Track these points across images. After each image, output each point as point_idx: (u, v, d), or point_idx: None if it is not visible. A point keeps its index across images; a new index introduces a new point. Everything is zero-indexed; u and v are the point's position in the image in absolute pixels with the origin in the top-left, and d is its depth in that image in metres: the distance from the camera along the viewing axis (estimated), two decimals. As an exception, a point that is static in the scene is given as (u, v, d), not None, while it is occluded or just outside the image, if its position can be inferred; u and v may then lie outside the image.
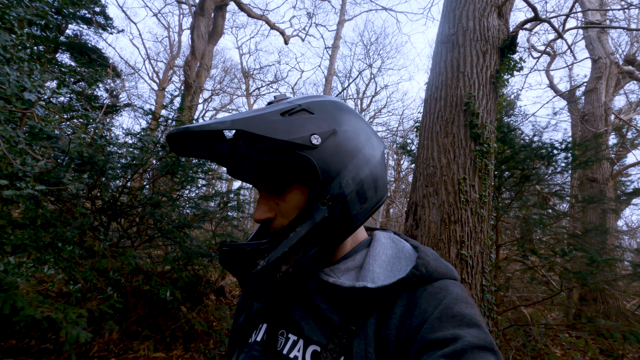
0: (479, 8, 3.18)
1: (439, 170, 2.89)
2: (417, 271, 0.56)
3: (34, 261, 2.31)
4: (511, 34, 3.10)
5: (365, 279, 0.58)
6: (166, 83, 17.63)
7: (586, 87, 8.11)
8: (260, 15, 12.48)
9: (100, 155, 2.91)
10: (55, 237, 2.48)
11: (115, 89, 13.05)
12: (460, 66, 3.10)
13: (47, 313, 1.94)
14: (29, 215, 2.47)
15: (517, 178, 3.72)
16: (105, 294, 2.63)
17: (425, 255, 0.60)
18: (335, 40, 9.77)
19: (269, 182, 0.63)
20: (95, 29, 10.52)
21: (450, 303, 0.52)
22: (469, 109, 2.94)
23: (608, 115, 7.57)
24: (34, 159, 2.01)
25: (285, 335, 0.61)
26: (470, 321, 0.49)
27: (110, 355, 2.95)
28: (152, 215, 3.45)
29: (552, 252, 3.26)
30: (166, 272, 3.72)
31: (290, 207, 0.61)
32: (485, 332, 0.48)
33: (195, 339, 3.59)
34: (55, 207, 3.03)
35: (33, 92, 1.95)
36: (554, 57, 12.38)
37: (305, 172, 0.61)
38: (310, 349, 0.57)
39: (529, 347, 4.29)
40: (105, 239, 2.84)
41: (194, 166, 3.82)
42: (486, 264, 2.75)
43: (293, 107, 0.58)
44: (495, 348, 0.46)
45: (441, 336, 0.47)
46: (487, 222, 2.87)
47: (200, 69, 10.74)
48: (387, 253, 0.64)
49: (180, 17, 18.06)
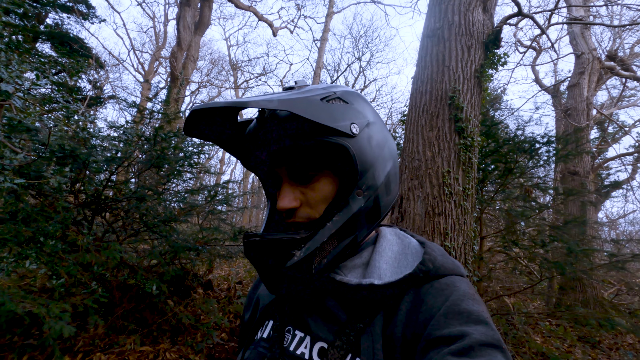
0: (464, 2, 3.21)
1: (424, 164, 2.93)
2: (424, 267, 0.57)
3: (15, 256, 2.27)
4: (495, 29, 3.15)
5: (372, 275, 0.58)
6: (152, 75, 17.27)
7: (569, 82, 8.29)
8: (248, 6, 12.30)
9: (83, 148, 2.86)
10: (37, 232, 2.44)
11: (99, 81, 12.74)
12: (445, 60, 3.13)
13: (29, 308, 1.92)
14: (8, 209, 2.42)
15: (500, 171, 3.80)
16: (89, 288, 2.60)
17: (432, 251, 0.60)
18: (323, 33, 9.73)
19: (297, 168, 0.60)
20: (77, 17, 10.22)
21: (457, 299, 0.52)
22: (454, 102, 2.98)
23: (590, 109, 7.76)
24: (12, 152, 1.97)
25: (292, 332, 0.61)
26: (477, 318, 0.49)
27: (96, 349, 2.93)
28: (138, 209, 3.41)
29: (533, 243, 3.35)
30: (152, 266, 3.69)
31: (318, 196, 0.59)
32: (492, 330, 0.47)
33: (183, 332, 3.59)
34: (37, 202, 2.97)
35: (11, 83, 1.90)
36: (539, 52, 12.57)
37: (338, 160, 0.60)
38: (317, 346, 0.57)
39: (511, 335, 4.44)
40: (89, 233, 2.80)
41: (180, 159, 3.79)
42: (469, 255, 2.82)
43: (329, 94, 0.57)
44: (503, 345, 0.46)
45: (448, 333, 0.47)
46: (471, 214, 2.93)
47: (187, 61, 10.56)
48: (394, 249, 0.64)
49: (165, 7, 17.64)
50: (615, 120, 8.80)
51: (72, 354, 2.82)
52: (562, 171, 7.40)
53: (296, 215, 0.59)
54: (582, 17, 8.08)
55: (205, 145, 4.68)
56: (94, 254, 2.65)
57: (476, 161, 3.07)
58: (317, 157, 0.60)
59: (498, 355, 0.43)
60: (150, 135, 3.24)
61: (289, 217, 0.60)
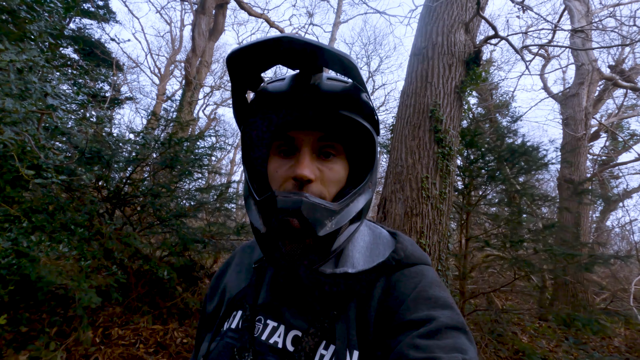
0: (447, 25, 3.55)
1: (406, 169, 3.28)
2: (397, 255, 0.60)
3: (51, 240, 2.71)
4: (475, 50, 3.48)
5: (345, 264, 0.59)
6: (167, 77, 17.96)
7: (569, 91, 8.47)
8: (261, 13, 12.79)
9: (108, 150, 3.30)
10: (68, 221, 2.88)
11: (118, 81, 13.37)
12: (428, 77, 3.47)
13: (65, 282, 2.35)
14: (46, 201, 2.87)
15: (483, 178, 4.12)
16: (110, 271, 3.03)
17: (403, 240, 0.64)
18: (330, 42, 10.12)
19: (330, 138, 0.60)
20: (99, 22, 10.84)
21: (425, 286, 0.55)
22: (434, 115, 3.33)
23: (588, 119, 7.93)
24: (54, 154, 2.41)
25: (263, 321, 0.61)
26: (444, 303, 0.52)
27: (114, 325, 3.37)
28: (152, 204, 3.84)
29: (504, 243, 3.66)
30: (164, 256, 4.12)
31: (334, 176, 0.60)
32: (457, 314, 0.51)
33: (189, 316, 4.00)
34: (67, 195, 3.42)
35: (55, 97, 2.33)
36: (547, 60, 12.71)
37: (359, 150, 0.65)
38: (291, 334, 0.57)
39: (496, 332, 4.70)
40: (112, 223, 3.25)
41: (191, 161, 4.21)
42: (443, 252, 3.15)
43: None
44: (466, 328, 0.49)
45: (416, 317, 0.50)
46: (446, 215, 3.27)
47: (201, 66, 11.09)
48: (365, 239, 0.65)
49: (182, 12, 18.34)
50: (613, 129, 8.89)
51: (94, 327, 3.26)
52: (558, 179, 7.60)
53: (307, 188, 0.56)
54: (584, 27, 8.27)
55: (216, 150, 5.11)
56: (116, 242, 3.09)
57: (454, 168, 3.41)
58: (347, 137, 0.62)
59: (462, 337, 0.47)
60: (165, 140, 3.68)
61: (299, 189, 0.56)
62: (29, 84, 2.27)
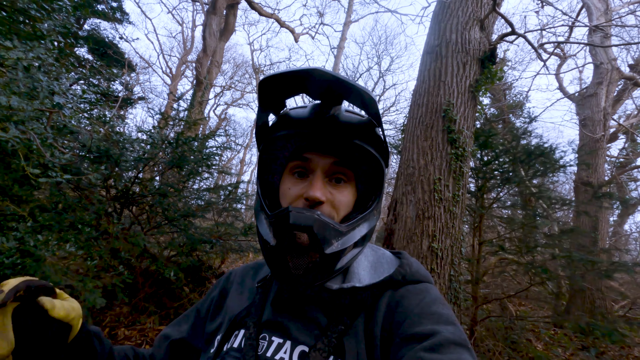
0: (462, 22, 3.44)
1: (417, 171, 3.18)
2: (403, 270, 0.63)
3: (58, 239, 2.69)
4: (490, 47, 3.36)
5: (352, 280, 0.63)
6: (179, 77, 18.12)
7: (587, 91, 8.22)
8: (271, 13, 12.78)
9: (116, 149, 3.29)
10: (75, 220, 2.86)
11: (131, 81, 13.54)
12: (442, 75, 3.37)
13: (70, 282, 2.32)
14: (53, 200, 2.86)
15: (497, 180, 3.98)
16: (117, 271, 3.01)
17: (409, 258, 0.68)
18: (340, 42, 10.04)
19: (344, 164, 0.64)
20: (112, 23, 10.98)
21: (429, 302, 0.57)
22: (447, 115, 3.22)
23: (607, 120, 7.68)
24: (60, 152, 2.38)
25: (268, 338, 0.61)
26: (447, 319, 0.54)
27: (121, 325, 3.35)
28: (161, 204, 3.82)
29: (518, 249, 3.52)
30: (172, 256, 4.10)
31: (344, 200, 0.64)
32: (460, 330, 0.52)
33: (197, 317, 3.97)
34: (75, 194, 3.42)
35: (62, 95, 2.31)
36: (563, 59, 12.39)
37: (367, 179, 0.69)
38: (297, 350, 0.57)
39: (510, 339, 4.55)
40: (119, 222, 3.23)
41: (199, 161, 4.18)
42: (456, 257, 3.04)
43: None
44: (468, 345, 0.50)
45: (420, 331, 0.51)
46: (460, 219, 3.16)
47: (211, 66, 11.13)
48: (369, 259, 0.69)
49: (193, 13, 18.50)
50: (632, 130, 8.59)
51: (101, 327, 3.25)
52: (575, 182, 7.36)
53: (318, 209, 0.60)
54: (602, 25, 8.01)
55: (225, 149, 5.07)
56: (122, 242, 3.07)
57: (468, 170, 3.29)
58: (358, 165, 0.67)
59: (465, 354, 0.48)
60: (172, 140, 3.65)
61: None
62: (36, 82, 2.25)
